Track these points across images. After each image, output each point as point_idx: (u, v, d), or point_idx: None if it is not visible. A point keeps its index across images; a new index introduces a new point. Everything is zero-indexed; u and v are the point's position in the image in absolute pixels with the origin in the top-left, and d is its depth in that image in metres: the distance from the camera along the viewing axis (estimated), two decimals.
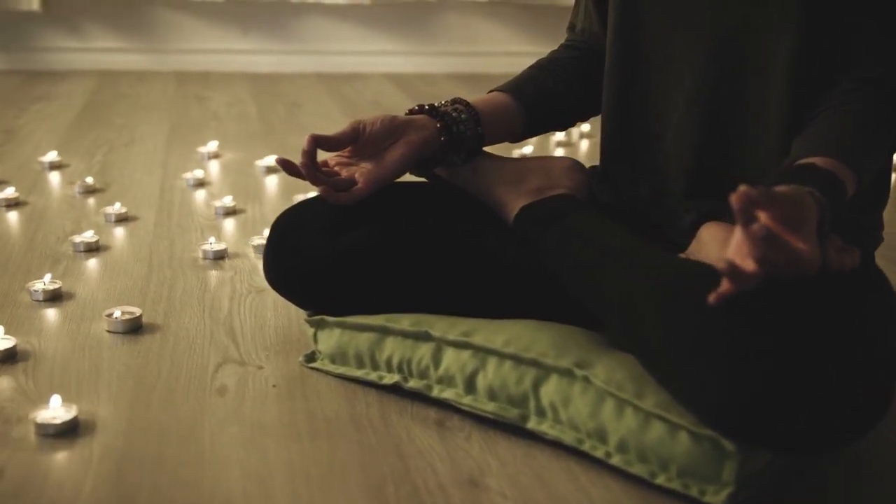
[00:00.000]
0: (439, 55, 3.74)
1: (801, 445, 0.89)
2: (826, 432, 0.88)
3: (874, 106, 1.11)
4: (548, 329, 1.10)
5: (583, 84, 1.34)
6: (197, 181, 2.03)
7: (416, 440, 1.04)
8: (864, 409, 0.89)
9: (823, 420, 0.87)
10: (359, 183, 1.19)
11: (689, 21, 1.20)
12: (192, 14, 3.55)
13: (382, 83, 3.42)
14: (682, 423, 0.93)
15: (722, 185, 1.22)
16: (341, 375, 1.17)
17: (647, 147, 1.27)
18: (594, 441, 0.99)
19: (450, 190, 1.28)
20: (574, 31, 1.40)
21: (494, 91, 1.31)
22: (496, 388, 1.06)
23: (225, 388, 1.14)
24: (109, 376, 1.16)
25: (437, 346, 1.11)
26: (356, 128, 1.20)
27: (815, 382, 0.87)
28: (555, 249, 1.15)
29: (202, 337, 1.28)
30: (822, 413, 0.87)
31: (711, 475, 0.92)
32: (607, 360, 1.03)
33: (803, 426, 0.87)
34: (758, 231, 0.84)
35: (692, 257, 1.14)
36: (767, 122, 1.17)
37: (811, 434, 0.88)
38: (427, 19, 3.73)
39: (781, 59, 1.14)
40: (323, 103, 3.02)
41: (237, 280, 1.49)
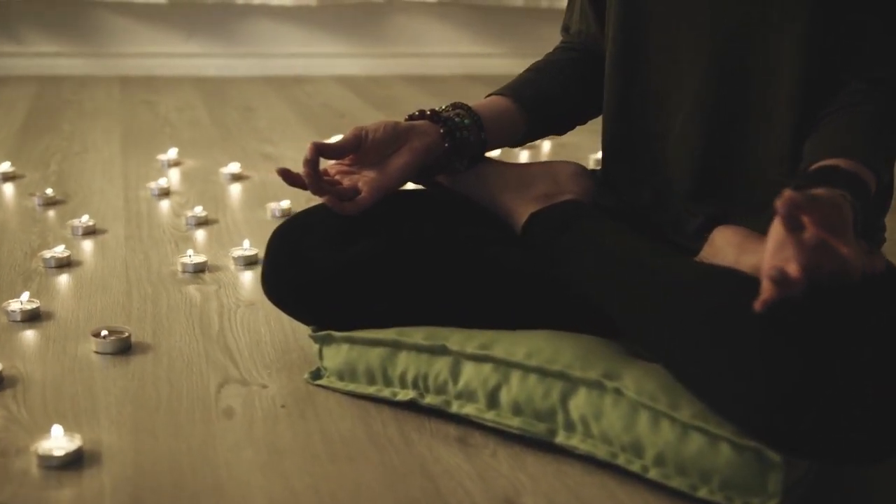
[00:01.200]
0: (388, 57, 3.69)
1: (849, 455, 0.87)
2: (873, 441, 0.86)
3: (885, 106, 1.10)
4: (568, 340, 1.07)
5: (582, 86, 1.31)
6: (161, 190, 1.96)
7: (441, 459, 1.00)
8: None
9: (871, 428, 0.85)
10: (362, 192, 1.15)
11: (691, 21, 1.18)
12: (134, 17, 3.45)
13: (333, 86, 3.36)
14: (722, 435, 0.91)
15: (726, 187, 1.21)
16: (351, 393, 1.13)
17: (649, 149, 1.25)
18: (629, 455, 0.97)
19: (451, 197, 1.25)
20: (569, 32, 1.37)
21: (493, 95, 1.28)
22: (521, 403, 1.02)
23: (231, 409, 1.09)
24: (106, 401, 1.10)
25: (454, 360, 1.07)
26: (358, 135, 1.15)
27: (860, 389, 0.86)
28: (570, 257, 1.12)
29: (197, 356, 1.22)
30: (870, 421, 0.85)
31: (756, 486, 0.90)
32: (634, 371, 1.01)
33: (850, 435, 0.86)
34: (810, 239, 0.83)
35: (706, 262, 1.12)
36: (773, 123, 1.16)
37: (858, 443, 0.86)
38: (375, 21, 3.68)
39: (786, 58, 1.13)
40: (275, 107, 2.96)
41: (223, 294, 1.44)
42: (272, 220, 1.81)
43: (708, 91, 1.18)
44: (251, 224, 1.78)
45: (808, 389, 0.84)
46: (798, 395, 0.85)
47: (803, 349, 0.86)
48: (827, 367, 0.85)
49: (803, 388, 0.84)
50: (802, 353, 0.86)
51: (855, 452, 0.86)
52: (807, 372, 0.85)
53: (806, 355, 0.86)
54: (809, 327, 0.88)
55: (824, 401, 0.84)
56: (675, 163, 1.23)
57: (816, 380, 0.85)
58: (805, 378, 0.85)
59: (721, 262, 1.10)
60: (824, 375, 0.85)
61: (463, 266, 1.16)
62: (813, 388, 0.84)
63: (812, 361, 0.85)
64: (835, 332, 0.88)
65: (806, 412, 0.84)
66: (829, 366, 0.85)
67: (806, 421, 0.84)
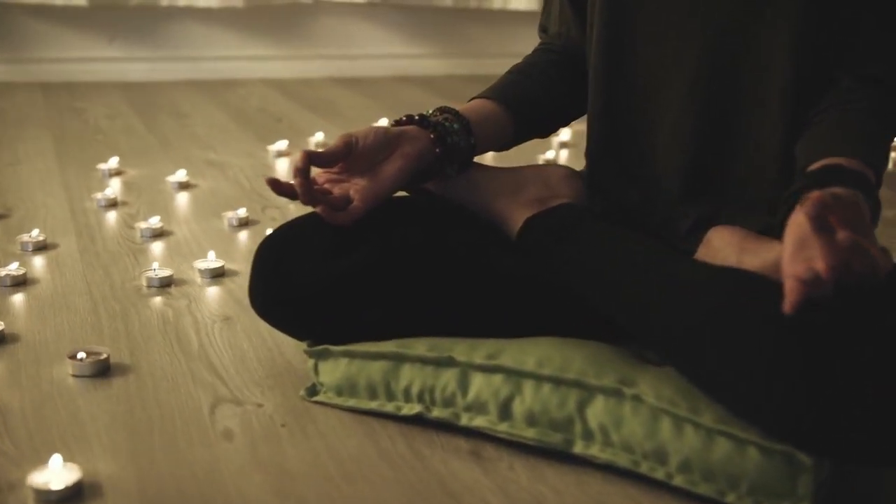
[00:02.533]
0: (317, 59, 3.64)
1: (880, 456, 0.87)
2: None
3: (878, 103, 1.11)
4: (576, 346, 1.05)
5: (565, 88, 1.29)
6: (108, 201, 1.88)
7: (458, 475, 0.97)
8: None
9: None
10: (355, 200, 1.11)
11: (679, 18, 1.17)
12: (54, 20, 3.33)
13: (264, 89, 3.30)
14: (749, 438, 0.90)
15: (717, 186, 1.21)
16: (351, 408, 1.09)
17: (637, 148, 1.24)
18: (652, 462, 0.95)
19: (439, 203, 1.22)
20: (547, 33, 1.35)
21: (477, 98, 1.25)
22: (536, 413, 1.00)
23: (230, 431, 1.04)
24: (95, 427, 1.05)
25: (462, 371, 1.04)
26: (349, 142, 1.12)
27: (889, 388, 0.85)
28: (571, 262, 1.10)
29: (182, 375, 1.17)
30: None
31: (786, 490, 0.89)
32: (649, 376, 1.00)
33: (880, 436, 0.85)
34: (845, 240, 0.82)
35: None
36: (765, 120, 1.16)
37: (889, 443, 0.86)
38: (303, 22, 3.62)
39: (778, 55, 1.13)
40: (210, 112, 2.88)
41: (195, 309, 1.38)
42: (230, 229, 1.76)
43: (698, 89, 1.18)
44: (209, 234, 1.73)
45: (843, 389, 0.84)
46: (833, 396, 0.84)
47: (834, 349, 0.86)
48: (858, 366, 0.85)
49: (840, 389, 0.84)
50: (834, 353, 0.85)
51: (886, 453, 0.86)
52: (840, 372, 0.84)
53: (838, 356, 0.85)
54: (835, 327, 0.88)
55: (859, 400, 0.84)
56: (665, 162, 1.22)
57: (850, 380, 0.84)
58: (839, 379, 0.84)
59: (721, 262, 1.09)
60: (858, 375, 0.84)
61: (458, 273, 1.14)
62: (849, 389, 0.84)
63: (845, 361, 0.85)
64: (860, 331, 0.88)
65: (841, 413, 0.84)
66: (860, 365, 0.85)
67: (841, 422, 0.84)
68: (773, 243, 1.08)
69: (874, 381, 0.84)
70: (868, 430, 0.84)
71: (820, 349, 0.86)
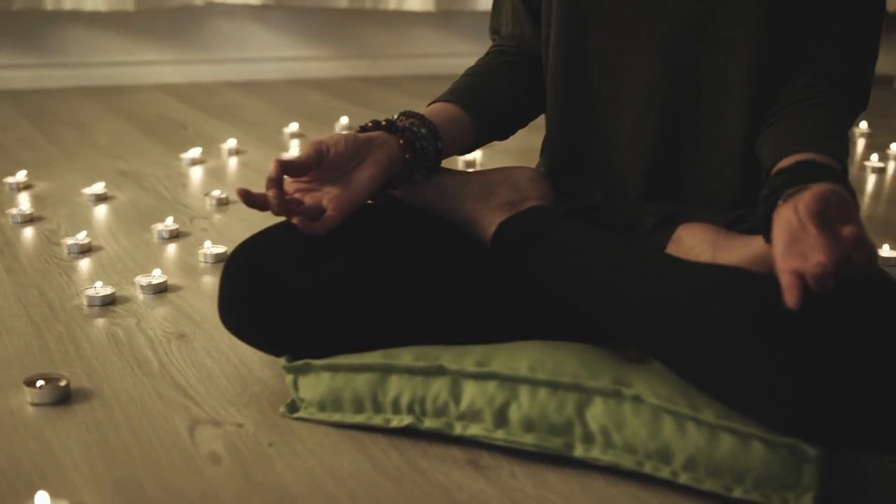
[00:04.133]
0: (211, 63, 3.55)
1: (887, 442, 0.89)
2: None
3: (836, 101, 1.15)
4: (564, 349, 1.05)
5: (523, 90, 1.29)
6: (24, 217, 1.79)
7: (462, 485, 0.96)
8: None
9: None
10: (329, 209, 1.09)
11: (638, 20, 1.19)
12: None
13: (160, 95, 3.20)
14: (753, 433, 0.92)
15: (679, 185, 1.23)
16: (336, 423, 1.06)
17: (598, 150, 1.25)
18: (656, 462, 0.96)
19: (407, 209, 1.20)
20: (499, 35, 1.35)
21: (438, 102, 1.24)
22: (534, 419, 0.99)
23: (216, 454, 1.00)
24: (71, 458, 0.99)
25: (453, 379, 1.03)
26: (320, 150, 1.09)
27: (885, 369, 0.87)
28: (551, 263, 1.10)
29: (150, 398, 1.12)
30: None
31: (791, 481, 0.91)
32: (643, 376, 1.00)
33: (887, 422, 0.87)
34: (851, 234, 0.84)
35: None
36: (725, 120, 1.18)
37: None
38: (196, 26, 3.53)
39: (738, 56, 1.15)
40: (107, 120, 2.78)
41: (145, 327, 1.32)
42: (160, 242, 1.69)
43: (658, 90, 1.19)
44: (140, 248, 1.66)
45: (852, 378, 0.85)
46: (843, 385, 0.85)
47: (839, 339, 0.87)
48: (864, 354, 0.86)
49: (848, 378, 0.85)
50: (839, 343, 0.87)
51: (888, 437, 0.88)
52: (847, 361, 0.86)
53: (843, 345, 0.87)
54: (837, 318, 0.89)
55: (867, 387, 0.85)
56: (627, 163, 1.23)
57: (857, 368, 0.86)
58: (846, 368, 0.86)
59: (696, 259, 1.11)
60: (864, 362, 0.86)
61: (435, 281, 1.12)
62: (857, 377, 0.86)
63: (850, 350, 0.86)
64: (862, 319, 0.89)
65: (851, 401, 0.85)
66: (865, 353, 0.86)
67: (851, 411, 0.86)
68: (747, 239, 1.10)
69: (880, 367, 0.86)
70: (876, 416, 0.86)
71: (825, 340, 0.87)
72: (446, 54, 4.00)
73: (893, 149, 2.56)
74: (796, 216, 0.91)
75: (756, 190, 1.19)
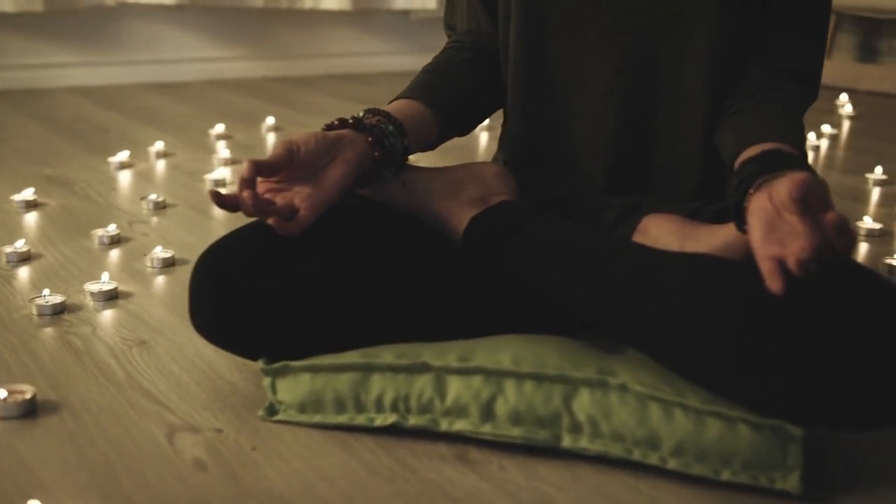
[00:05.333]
0: (125, 65, 3.47)
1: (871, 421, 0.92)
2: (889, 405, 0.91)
3: (791, 91, 1.18)
4: (543, 342, 1.06)
5: (482, 85, 1.30)
6: None
7: (455, 481, 0.96)
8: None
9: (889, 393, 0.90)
10: (301, 209, 1.07)
11: (598, 16, 1.20)
12: None
13: (75, 98, 3.11)
14: (739, 416, 0.94)
15: (639, 178, 1.25)
16: (318, 425, 1.05)
17: (558, 145, 1.27)
18: (644, 449, 0.97)
19: (377, 207, 1.19)
20: (455, 31, 1.35)
21: (401, 99, 1.23)
22: (522, 411, 1.00)
23: (200, 461, 0.98)
24: (50, 472, 0.96)
25: (436, 376, 1.03)
26: (290, 149, 1.07)
27: (873, 354, 0.90)
28: (527, 257, 1.10)
29: (120, 407, 1.09)
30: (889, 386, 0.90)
31: (777, 462, 0.93)
32: (625, 365, 1.02)
33: (874, 400, 0.90)
34: (834, 220, 0.86)
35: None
36: (685, 114, 1.21)
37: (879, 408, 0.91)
38: (108, 27, 3.44)
39: (695, 51, 1.18)
40: (23, 125, 2.69)
41: (103, 335, 1.29)
42: (101, 248, 1.65)
43: (618, 85, 1.21)
44: (81, 254, 1.61)
45: (841, 360, 0.88)
46: (833, 367, 0.88)
47: (826, 322, 0.90)
48: (852, 335, 0.89)
49: (838, 360, 0.88)
50: (827, 325, 0.90)
51: (876, 418, 0.91)
52: (835, 343, 0.89)
53: (831, 327, 0.89)
54: (822, 300, 0.92)
55: (856, 368, 0.88)
56: (587, 157, 1.25)
57: (846, 349, 0.88)
58: (835, 350, 0.88)
59: (664, 248, 1.13)
60: (853, 343, 0.89)
61: (409, 280, 1.11)
62: (846, 358, 0.88)
63: (838, 332, 0.89)
64: (847, 301, 0.92)
65: (842, 382, 0.88)
66: (854, 334, 0.89)
67: (842, 391, 0.88)
68: (713, 228, 1.12)
69: (867, 351, 0.89)
70: (862, 399, 0.89)
71: (815, 332, 0.90)
72: (363, 53, 3.99)
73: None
74: (771, 204, 0.93)
75: (714, 181, 1.23)
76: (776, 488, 0.93)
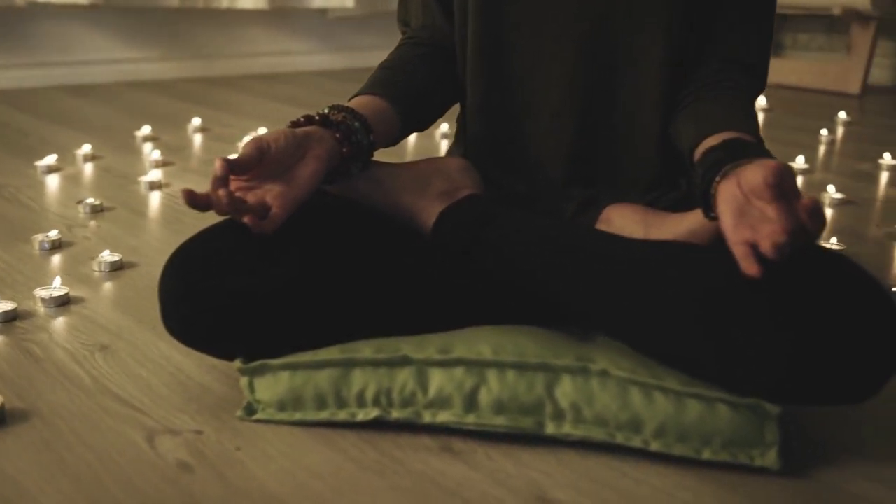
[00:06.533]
0: (38, 67, 3.38)
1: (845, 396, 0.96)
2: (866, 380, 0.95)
3: (743, 82, 1.22)
4: (519, 332, 1.07)
5: (441, 80, 1.31)
6: None
7: (445, 472, 0.96)
8: (889, 346, 0.96)
9: (864, 369, 0.94)
10: (274, 207, 1.07)
11: (556, 9, 1.22)
12: None
13: None
14: (717, 396, 0.97)
15: (598, 170, 1.28)
16: (298, 422, 1.05)
17: (518, 139, 1.28)
18: (627, 432, 0.99)
19: (344, 204, 1.19)
20: (409, 26, 1.36)
21: (362, 95, 1.23)
22: (505, 400, 1.01)
23: (185, 463, 0.97)
24: (33, 481, 0.93)
25: (418, 369, 1.03)
26: (261, 147, 1.07)
27: (844, 331, 0.94)
28: (499, 248, 1.12)
29: (93, 412, 1.07)
30: (863, 363, 0.94)
31: (755, 439, 0.97)
32: (601, 351, 1.04)
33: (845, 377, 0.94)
34: (809, 204, 0.90)
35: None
36: (641, 105, 1.24)
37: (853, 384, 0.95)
38: (19, 28, 3.34)
39: (651, 44, 1.21)
40: None
41: (60, 341, 1.26)
42: (43, 253, 1.61)
43: (576, 79, 1.24)
44: (23, 260, 1.57)
45: (817, 338, 0.91)
46: (809, 345, 0.91)
47: (801, 302, 0.93)
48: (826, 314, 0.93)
49: (814, 338, 0.91)
50: (802, 305, 0.93)
51: (847, 393, 0.95)
52: (810, 321, 0.92)
53: (806, 307, 0.93)
54: (797, 281, 0.95)
55: (832, 345, 0.91)
56: (547, 151, 1.27)
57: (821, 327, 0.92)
58: (811, 328, 0.92)
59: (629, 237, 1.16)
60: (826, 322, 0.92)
61: (383, 275, 1.12)
62: (821, 336, 0.92)
63: (812, 311, 0.93)
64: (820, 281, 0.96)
65: (819, 360, 0.91)
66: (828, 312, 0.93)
67: (819, 369, 0.92)
68: (677, 216, 1.15)
69: (839, 324, 0.92)
70: (838, 371, 0.92)
71: (787, 304, 0.93)
72: (281, 53, 3.96)
73: None
74: (741, 190, 0.97)
75: (670, 172, 1.26)
76: (755, 465, 0.96)
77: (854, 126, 3.04)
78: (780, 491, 0.94)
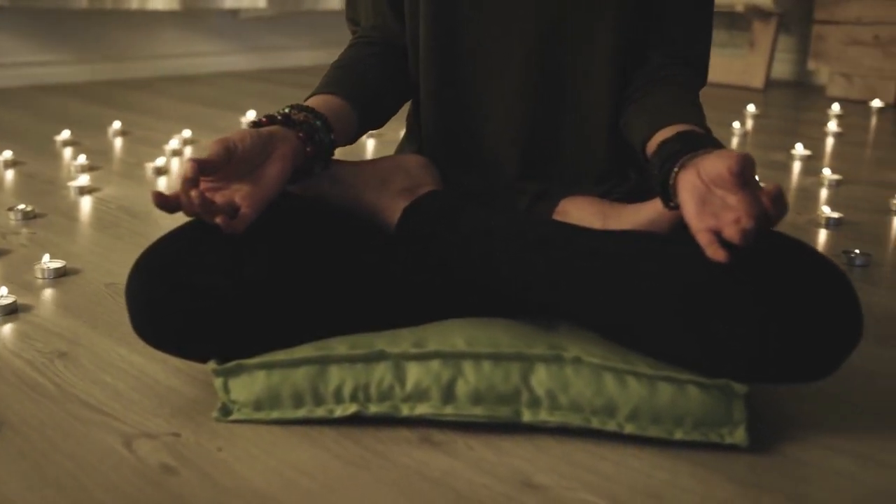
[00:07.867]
0: None
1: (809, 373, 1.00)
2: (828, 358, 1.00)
3: (688, 77, 1.27)
4: (490, 324, 1.10)
5: (395, 78, 1.32)
6: None
7: (429, 463, 0.98)
8: (848, 326, 1.01)
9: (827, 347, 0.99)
10: (243, 207, 1.07)
11: (506, 10, 1.25)
12: None
13: None
14: (688, 378, 1.01)
15: (550, 165, 1.31)
16: (275, 421, 1.05)
17: (471, 137, 1.31)
18: (602, 417, 1.02)
19: (306, 203, 1.20)
20: (359, 25, 1.36)
21: (319, 94, 1.24)
22: (482, 391, 1.03)
23: (168, 466, 0.96)
24: (15, 491, 0.92)
25: (394, 363, 1.05)
26: (228, 147, 1.06)
27: (810, 311, 0.98)
28: (465, 243, 1.14)
29: (64, 420, 1.05)
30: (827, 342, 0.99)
31: (723, 418, 1.01)
32: (571, 340, 1.07)
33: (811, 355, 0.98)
34: (774, 190, 0.94)
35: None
36: (592, 101, 1.27)
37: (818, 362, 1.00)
38: None
39: (601, 42, 1.24)
40: None
41: (16, 349, 1.23)
42: None
43: (527, 75, 1.27)
44: None
45: (788, 318, 0.96)
46: (781, 326, 0.96)
47: (770, 284, 0.98)
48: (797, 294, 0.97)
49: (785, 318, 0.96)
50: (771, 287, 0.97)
51: (812, 370, 1.00)
52: (781, 303, 0.96)
53: (775, 288, 0.97)
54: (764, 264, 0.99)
55: (802, 324, 0.96)
56: (500, 146, 1.30)
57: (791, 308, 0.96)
58: (782, 309, 0.96)
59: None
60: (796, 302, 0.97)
61: (352, 273, 1.13)
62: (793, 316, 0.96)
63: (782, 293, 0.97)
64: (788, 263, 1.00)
65: (791, 340, 0.96)
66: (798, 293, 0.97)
67: (791, 348, 0.96)
68: (635, 207, 1.19)
69: (805, 304, 0.97)
70: (804, 350, 0.97)
71: (757, 287, 0.97)
72: (193, 54, 3.91)
73: None
74: (701, 180, 1.01)
75: (620, 165, 1.30)
76: (725, 442, 1.01)
77: (762, 119, 3.15)
78: (749, 466, 0.99)
